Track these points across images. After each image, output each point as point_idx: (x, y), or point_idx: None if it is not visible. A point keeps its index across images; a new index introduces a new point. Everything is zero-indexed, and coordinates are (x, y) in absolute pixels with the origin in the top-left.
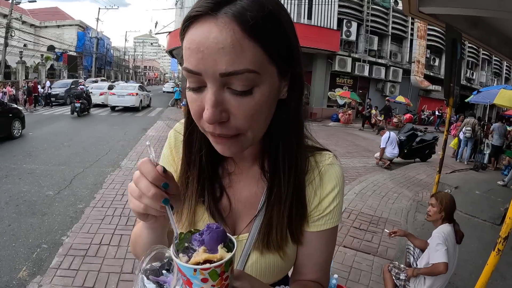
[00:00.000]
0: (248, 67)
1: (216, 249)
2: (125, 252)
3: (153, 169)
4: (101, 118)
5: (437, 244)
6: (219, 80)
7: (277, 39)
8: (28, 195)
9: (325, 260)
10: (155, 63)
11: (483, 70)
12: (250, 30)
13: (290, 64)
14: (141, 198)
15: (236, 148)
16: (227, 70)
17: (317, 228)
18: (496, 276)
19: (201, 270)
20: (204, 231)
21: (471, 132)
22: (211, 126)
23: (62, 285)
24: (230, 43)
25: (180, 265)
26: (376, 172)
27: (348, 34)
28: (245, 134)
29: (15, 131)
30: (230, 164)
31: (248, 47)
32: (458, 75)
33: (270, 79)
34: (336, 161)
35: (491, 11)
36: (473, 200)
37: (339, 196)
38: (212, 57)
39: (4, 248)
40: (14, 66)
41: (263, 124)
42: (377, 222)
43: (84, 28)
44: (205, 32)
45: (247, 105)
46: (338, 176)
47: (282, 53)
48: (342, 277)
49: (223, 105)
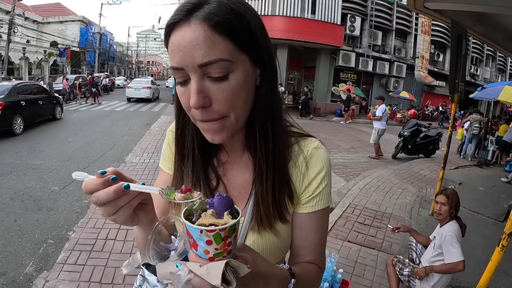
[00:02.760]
0: (220, 57)
1: (222, 214)
2: (131, 246)
3: (94, 180)
4: (105, 113)
5: (453, 243)
6: (199, 70)
7: (243, 32)
8: (33, 190)
9: (319, 241)
10: (158, 58)
11: (488, 66)
12: (217, 27)
13: (259, 53)
14: (110, 205)
15: (223, 132)
16: (203, 61)
17: (308, 210)
18: (500, 272)
19: (206, 231)
20: (215, 197)
21: (479, 129)
22: (198, 113)
23: (69, 280)
24: (202, 39)
25: (188, 226)
26: (380, 168)
27: (352, 29)
28: (228, 116)
29: (58, 114)
30: (223, 154)
31: (218, 40)
32: (463, 71)
33: (243, 66)
34: (321, 145)
35: (496, 7)
36: (477, 196)
37: (326, 178)
38: (190, 53)
39: (11, 244)
40: (17, 62)
41: (243, 107)
42: (381, 218)
43: (87, 24)
44: (182, 34)
45: (225, 89)
46: (324, 159)
47: (250, 43)
48: (347, 272)
49: (205, 92)
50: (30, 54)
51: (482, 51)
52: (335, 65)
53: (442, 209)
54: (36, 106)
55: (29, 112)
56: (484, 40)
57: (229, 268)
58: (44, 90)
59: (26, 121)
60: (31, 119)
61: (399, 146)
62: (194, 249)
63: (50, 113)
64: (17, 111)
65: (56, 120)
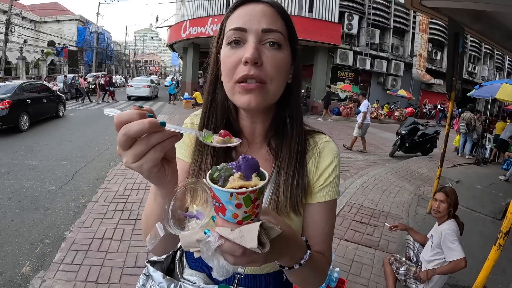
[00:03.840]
0: (280, 30)
1: (250, 176)
2: (127, 246)
3: (129, 111)
4: (102, 112)
5: (453, 241)
6: (260, 34)
7: (291, 25)
8: (30, 190)
9: (328, 232)
10: (156, 57)
11: (485, 64)
12: (279, 11)
13: (296, 54)
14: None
15: (259, 97)
16: (268, 26)
17: (319, 199)
18: (497, 270)
19: (237, 194)
20: (240, 160)
21: (465, 128)
22: (248, 68)
23: (65, 279)
24: (269, 13)
25: (216, 190)
26: (378, 166)
27: (349, 27)
28: (267, 84)
29: (60, 112)
30: (243, 146)
31: (278, 19)
32: (460, 69)
33: (287, 51)
34: (332, 140)
35: (494, 5)
36: (474, 194)
37: (336, 169)
38: (257, 19)
39: (7, 244)
40: (15, 62)
41: (281, 83)
42: (379, 216)
43: (84, 23)
44: (252, 7)
45: (277, 56)
46: (335, 152)
47: (294, 37)
48: (343, 271)
49: (260, 53)
50: (27, 54)
51: (480, 49)
52: (332, 64)
53: (441, 207)
54: (41, 104)
55: (34, 109)
56: (482, 38)
57: (262, 230)
58: (47, 89)
59: (32, 118)
60: (36, 116)
61: (396, 144)
62: (222, 214)
63: (53, 111)
64: (23, 109)
65: (59, 117)
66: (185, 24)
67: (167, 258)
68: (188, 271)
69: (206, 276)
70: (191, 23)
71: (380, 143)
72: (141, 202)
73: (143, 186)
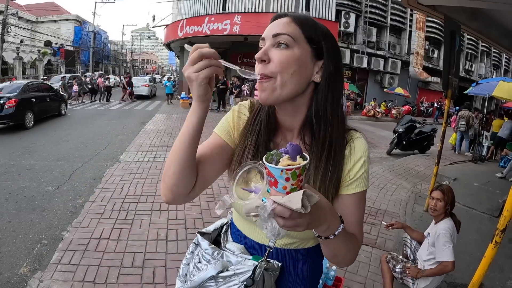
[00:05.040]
0: (287, 32)
1: (295, 158)
2: (124, 246)
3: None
4: (99, 112)
5: (445, 242)
6: (271, 39)
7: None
8: (27, 191)
9: (358, 219)
10: (153, 56)
11: (482, 62)
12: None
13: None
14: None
15: (267, 93)
16: (276, 32)
17: (349, 191)
18: (494, 268)
19: (286, 170)
20: (287, 146)
21: (465, 126)
22: (259, 67)
23: (63, 280)
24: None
25: (270, 168)
26: (375, 164)
27: (346, 26)
28: (275, 78)
29: (63, 110)
30: (278, 137)
31: (290, 25)
32: (457, 67)
33: (303, 50)
34: (362, 136)
35: (490, 2)
36: (472, 192)
37: (366, 164)
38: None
39: (5, 245)
40: (11, 62)
41: (290, 76)
42: (376, 214)
43: (81, 23)
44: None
45: (282, 53)
46: (365, 147)
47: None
48: (340, 269)
49: (268, 52)
50: (24, 54)
51: (477, 47)
52: None
53: (438, 205)
54: (45, 102)
55: (38, 108)
56: (478, 36)
57: (305, 196)
58: (50, 88)
59: (36, 116)
60: (40, 114)
61: (393, 142)
62: (274, 187)
63: (56, 109)
64: (29, 107)
65: (61, 115)
66: (182, 23)
67: (214, 231)
68: (230, 242)
69: (244, 247)
70: (187, 22)
71: (377, 141)
72: (138, 201)
73: (140, 186)
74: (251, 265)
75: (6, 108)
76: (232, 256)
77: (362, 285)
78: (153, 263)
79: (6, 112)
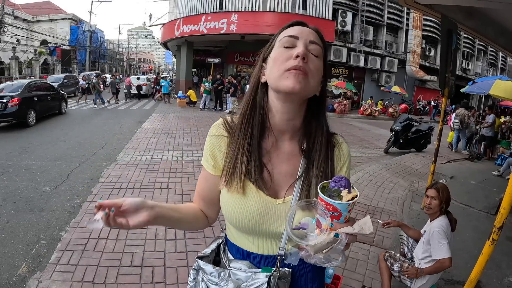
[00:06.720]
0: (320, 45)
1: (350, 190)
2: (123, 245)
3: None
4: (96, 112)
5: (440, 239)
6: (307, 43)
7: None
8: (25, 191)
9: None
10: (149, 55)
11: (479, 60)
12: (320, 37)
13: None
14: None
15: (303, 83)
16: (313, 39)
17: None
18: (491, 265)
19: (352, 204)
20: (336, 180)
21: (459, 124)
22: (298, 60)
23: (61, 280)
24: (314, 34)
25: (336, 204)
26: (372, 162)
27: (343, 24)
28: (309, 78)
29: (63, 109)
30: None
31: (319, 41)
32: (454, 66)
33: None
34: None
35: (487, 1)
36: (468, 190)
37: (349, 166)
38: (307, 33)
39: (3, 245)
40: (7, 62)
41: (316, 82)
42: (373, 212)
43: (77, 22)
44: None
45: (316, 61)
46: (348, 152)
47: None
48: (338, 267)
49: (307, 53)
50: (20, 54)
51: (474, 45)
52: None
53: (432, 203)
54: (46, 101)
55: (40, 106)
56: (475, 35)
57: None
58: (51, 87)
59: (38, 114)
60: (42, 112)
61: (390, 140)
62: (336, 220)
63: (57, 108)
64: (31, 106)
65: (61, 114)
66: (179, 22)
67: (212, 252)
68: (233, 260)
69: (249, 263)
70: (184, 21)
71: (374, 140)
72: None
73: (138, 185)
74: (264, 277)
75: (10, 107)
76: (241, 272)
77: (360, 282)
78: (152, 262)
79: (9, 110)
